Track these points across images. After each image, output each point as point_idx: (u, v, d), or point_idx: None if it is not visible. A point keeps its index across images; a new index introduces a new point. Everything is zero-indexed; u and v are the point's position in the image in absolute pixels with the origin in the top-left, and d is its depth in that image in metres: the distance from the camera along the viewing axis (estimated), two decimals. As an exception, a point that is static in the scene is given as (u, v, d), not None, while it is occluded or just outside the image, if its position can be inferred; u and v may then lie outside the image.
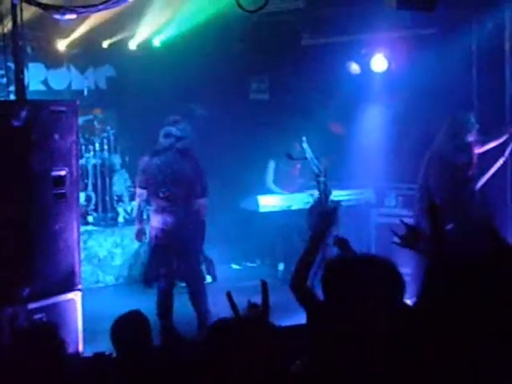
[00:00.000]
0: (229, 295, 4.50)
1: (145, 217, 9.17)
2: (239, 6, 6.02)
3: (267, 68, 12.31)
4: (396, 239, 4.41)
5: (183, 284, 8.96)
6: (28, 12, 8.14)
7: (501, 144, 9.07)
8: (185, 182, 8.41)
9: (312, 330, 4.09)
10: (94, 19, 9.99)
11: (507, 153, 8.94)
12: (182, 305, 8.70)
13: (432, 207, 4.29)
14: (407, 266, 4.75)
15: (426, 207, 4.35)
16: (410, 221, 4.95)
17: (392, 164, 10.40)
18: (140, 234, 8.65)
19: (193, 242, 8.66)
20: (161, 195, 8.35)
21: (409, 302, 3.84)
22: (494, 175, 9.00)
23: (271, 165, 10.88)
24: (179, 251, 8.53)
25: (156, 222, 8.43)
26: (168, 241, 8.41)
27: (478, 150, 8.95)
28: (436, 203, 4.38)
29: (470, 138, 8.86)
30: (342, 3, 9.82)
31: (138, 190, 8.54)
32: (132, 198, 11.15)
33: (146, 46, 11.48)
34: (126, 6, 7.63)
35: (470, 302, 3.26)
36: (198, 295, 8.57)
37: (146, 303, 8.20)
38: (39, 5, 7.06)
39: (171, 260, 8.53)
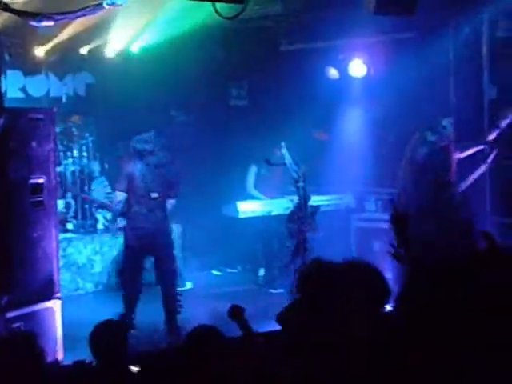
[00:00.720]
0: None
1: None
2: (217, 12, 6.02)
3: (246, 74, 12.32)
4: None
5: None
6: (5, 19, 8.11)
7: (481, 150, 9.12)
8: (166, 184, 8.57)
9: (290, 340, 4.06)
10: (72, 26, 9.94)
11: (490, 159, 8.97)
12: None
13: (396, 217, 4.28)
14: (388, 270, 4.74)
15: (390, 217, 4.33)
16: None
17: (371, 169, 10.42)
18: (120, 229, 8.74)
19: (170, 242, 8.78)
20: (153, 196, 8.41)
21: (388, 307, 3.82)
22: (473, 183, 9.04)
23: (252, 170, 10.87)
24: (158, 252, 8.60)
25: (138, 223, 8.44)
26: (149, 241, 8.46)
27: (457, 156, 8.98)
28: (400, 212, 4.36)
29: (443, 143, 8.89)
30: (319, 9, 9.82)
31: (121, 194, 8.51)
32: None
33: (124, 52, 11.44)
34: (104, 12, 7.59)
35: (454, 307, 3.24)
36: (173, 299, 8.59)
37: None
38: (16, 12, 7.01)
39: (144, 262, 8.67)
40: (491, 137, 9.05)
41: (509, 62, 9.38)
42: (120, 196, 8.51)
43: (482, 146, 9.07)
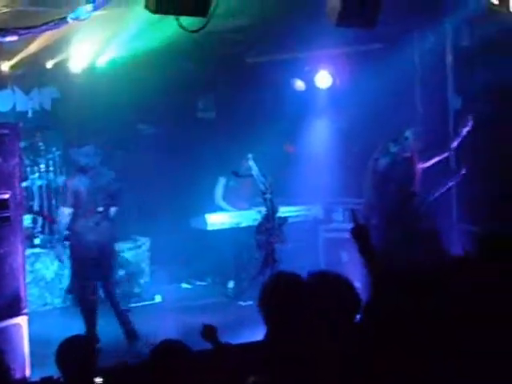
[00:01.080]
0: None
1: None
2: (181, 26, 6.01)
3: (213, 87, 12.33)
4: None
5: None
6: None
7: (446, 159, 9.21)
8: (109, 195, 8.61)
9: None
10: (37, 40, 9.89)
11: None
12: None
13: (357, 228, 4.30)
14: (356, 280, 4.75)
15: (351, 230, 4.32)
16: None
17: (338, 179, 10.47)
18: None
19: (115, 252, 8.95)
20: (99, 210, 8.40)
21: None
22: (440, 195, 9.13)
23: (221, 182, 10.87)
24: (106, 264, 8.63)
25: (86, 236, 8.45)
26: (97, 253, 8.47)
27: (421, 166, 9.06)
28: (360, 223, 4.37)
29: (405, 153, 8.96)
30: (284, 21, 9.85)
31: (67, 210, 8.49)
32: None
33: (89, 66, 11.39)
34: (68, 27, 7.56)
35: (421, 316, 3.25)
36: (123, 310, 8.60)
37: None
38: (-20, 27, 6.97)
39: (97, 274, 8.63)
40: (454, 144, 9.16)
41: (473, 71, 9.48)
42: (67, 211, 8.48)
43: (445, 154, 9.16)
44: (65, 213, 8.47)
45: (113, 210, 8.68)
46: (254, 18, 9.97)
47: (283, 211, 9.59)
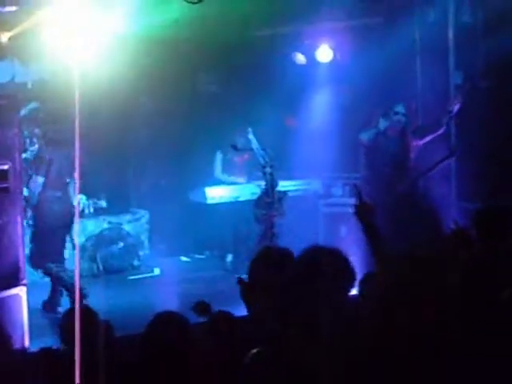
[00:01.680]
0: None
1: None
2: (182, -4, 5.98)
3: (215, 59, 12.26)
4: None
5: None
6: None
7: (442, 136, 9.17)
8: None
9: None
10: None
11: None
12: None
13: (361, 207, 4.07)
14: (354, 255, 4.73)
15: (354, 208, 4.07)
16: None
17: (338, 154, 10.44)
18: None
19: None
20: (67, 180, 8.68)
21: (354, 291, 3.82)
22: (438, 169, 9.09)
23: (218, 156, 10.85)
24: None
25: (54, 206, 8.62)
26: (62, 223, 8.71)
27: (416, 143, 9.04)
28: (364, 201, 4.10)
29: (394, 128, 8.94)
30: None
31: (39, 179, 8.63)
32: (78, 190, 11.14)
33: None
34: None
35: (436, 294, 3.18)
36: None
37: (94, 298, 8.14)
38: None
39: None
40: (444, 121, 9.07)
41: (475, 46, 9.43)
42: (40, 180, 8.62)
43: (440, 131, 9.10)
44: (38, 181, 8.62)
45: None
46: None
47: (283, 185, 9.58)
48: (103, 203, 11.40)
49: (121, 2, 9.51)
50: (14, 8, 6.96)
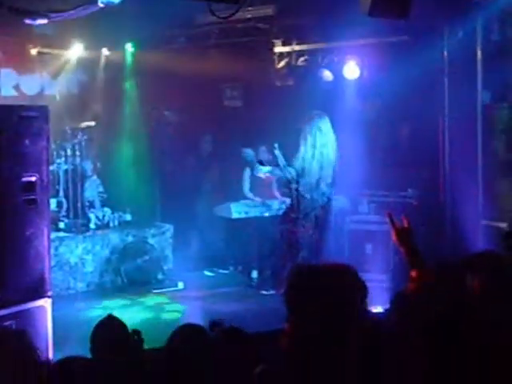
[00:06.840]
0: None
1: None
2: (211, 12, 6.01)
3: (240, 75, 12.30)
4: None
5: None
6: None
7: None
8: None
9: None
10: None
11: None
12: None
13: (401, 231, 3.92)
14: (382, 273, 4.70)
15: (393, 235, 3.92)
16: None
17: (364, 171, 10.40)
18: None
19: None
20: None
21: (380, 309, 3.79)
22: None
23: (246, 173, 10.88)
24: None
25: None
26: None
27: None
28: (399, 227, 3.94)
29: None
30: (312, 11, 9.82)
31: None
32: (104, 204, 11.22)
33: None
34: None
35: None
36: None
37: (118, 311, 8.16)
38: (11, 9, 7.00)
39: None
40: None
41: (503, 65, 9.39)
42: None
43: None
44: None
45: None
46: (282, 8, 9.97)
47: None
48: (128, 216, 11.46)
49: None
50: (45, 21, 7.00)
